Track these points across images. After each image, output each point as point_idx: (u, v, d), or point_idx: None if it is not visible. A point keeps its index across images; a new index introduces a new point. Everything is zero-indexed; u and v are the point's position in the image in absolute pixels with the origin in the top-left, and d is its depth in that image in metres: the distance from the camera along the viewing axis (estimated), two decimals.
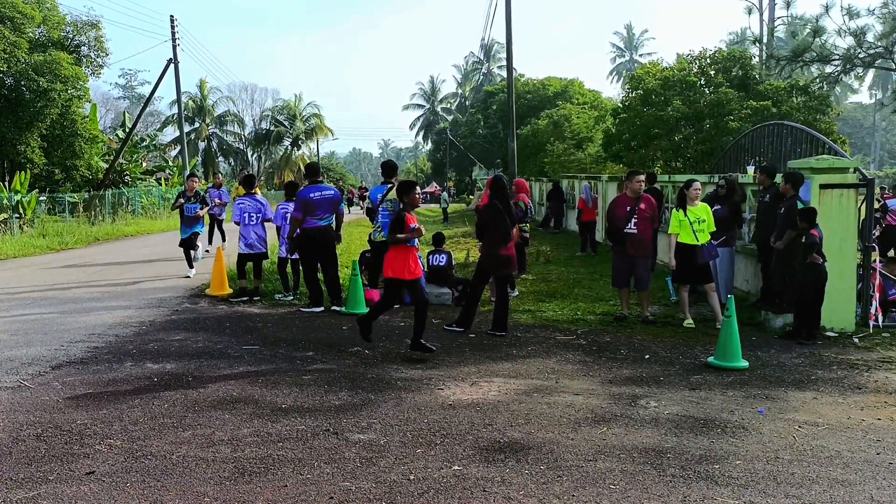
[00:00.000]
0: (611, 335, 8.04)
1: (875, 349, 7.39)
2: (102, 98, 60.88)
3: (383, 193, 9.74)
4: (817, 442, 4.80)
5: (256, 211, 10.28)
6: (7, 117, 24.99)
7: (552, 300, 10.10)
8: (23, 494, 3.95)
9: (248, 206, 10.30)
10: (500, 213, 7.96)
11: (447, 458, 4.47)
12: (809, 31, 15.59)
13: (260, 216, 10.29)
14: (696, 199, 8.57)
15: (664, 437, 4.85)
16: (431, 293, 10.15)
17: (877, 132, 73.46)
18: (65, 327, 8.43)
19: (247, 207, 10.29)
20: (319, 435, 4.85)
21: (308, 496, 3.93)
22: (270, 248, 10.63)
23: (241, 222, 10.24)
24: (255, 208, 10.30)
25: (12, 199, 23.00)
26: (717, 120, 17.80)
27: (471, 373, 6.44)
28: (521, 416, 5.26)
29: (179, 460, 4.41)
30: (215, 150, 60.51)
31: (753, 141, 12.59)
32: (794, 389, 5.99)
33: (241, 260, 10.31)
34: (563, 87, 41.19)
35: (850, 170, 8.30)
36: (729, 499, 3.92)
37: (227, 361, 6.81)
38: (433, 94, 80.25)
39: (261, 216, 10.30)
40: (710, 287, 8.47)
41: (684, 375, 6.40)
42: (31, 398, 5.68)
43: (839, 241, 8.05)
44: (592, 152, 26.22)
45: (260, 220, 10.30)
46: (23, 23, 25.46)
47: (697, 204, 8.53)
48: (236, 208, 10.39)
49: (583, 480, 4.14)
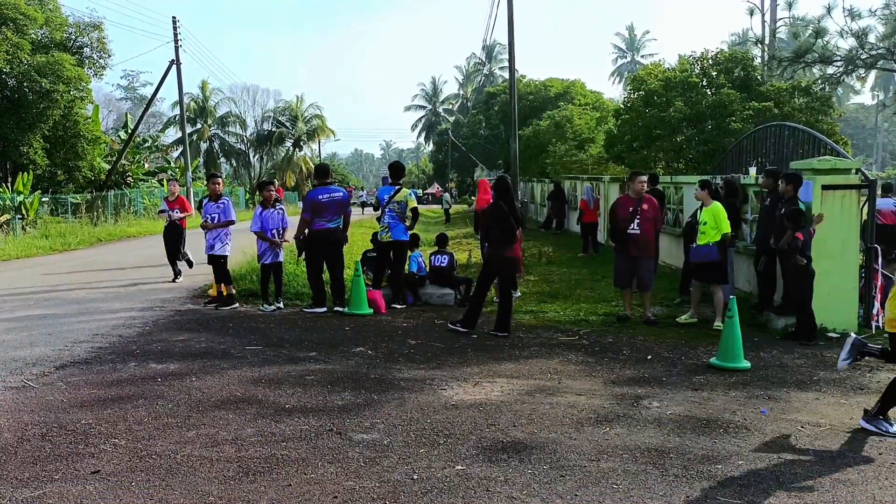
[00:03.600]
0: (613, 336, 8.05)
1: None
2: (105, 99, 61.03)
3: (390, 195, 9.75)
4: (820, 442, 4.81)
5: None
6: (10, 118, 25.04)
7: (554, 301, 10.11)
8: (28, 494, 3.97)
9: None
10: (504, 213, 7.97)
11: (450, 457, 4.48)
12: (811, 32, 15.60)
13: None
14: (705, 201, 8.50)
15: (667, 437, 4.86)
16: (434, 294, 10.20)
17: (879, 133, 73.40)
18: (68, 328, 8.46)
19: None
20: (323, 435, 4.87)
21: (312, 496, 3.95)
22: (251, 256, 10.38)
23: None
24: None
25: (15, 200, 23.04)
26: (719, 121, 17.79)
27: (474, 373, 6.45)
28: (524, 416, 5.27)
29: (184, 460, 4.43)
30: (217, 151, 60.54)
31: (755, 142, 12.58)
32: (796, 390, 5.99)
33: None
34: (565, 88, 41.16)
35: (853, 171, 8.31)
36: (731, 499, 3.93)
37: (230, 362, 6.83)
38: (435, 95, 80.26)
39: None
40: (715, 288, 8.46)
41: (687, 376, 6.41)
42: (36, 398, 5.70)
43: (841, 242, 8.06)
44: (594, 153, 26.21)
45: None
46: (25, 24, 25.52)
47: (710, 205, 8.45)
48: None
49: (585, 480, 4.15)
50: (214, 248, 9.92)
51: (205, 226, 10.02)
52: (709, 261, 8.33)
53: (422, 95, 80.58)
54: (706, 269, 8.44)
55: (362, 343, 7.58)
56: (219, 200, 10.11)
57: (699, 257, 8.42)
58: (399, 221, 9.66)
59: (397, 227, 9.64)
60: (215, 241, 9.94)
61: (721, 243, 8.31)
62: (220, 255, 9.91)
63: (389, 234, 9.66)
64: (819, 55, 15.53)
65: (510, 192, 8.17)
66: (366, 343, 7.60)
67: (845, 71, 15.77)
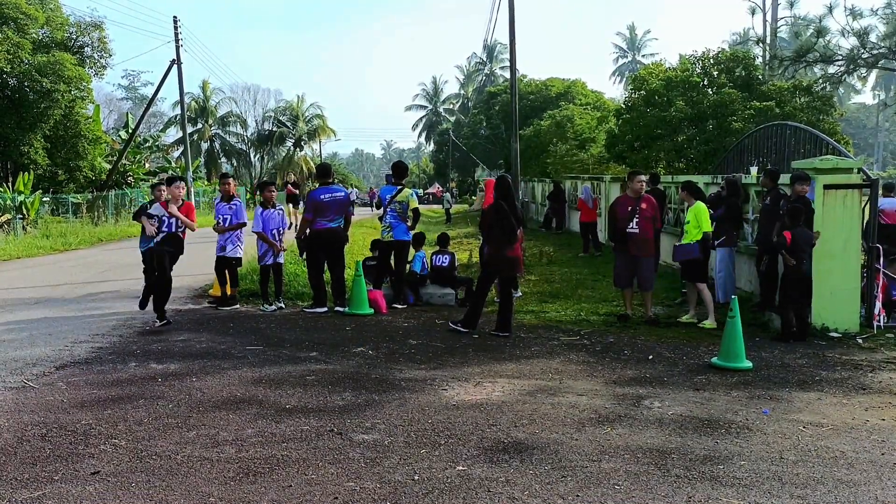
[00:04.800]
0: (614, 336, 8.04)
1: (879, 350, 7.38)
2: (105, 99, 61.01)
3: (392, 194, 9.74)
4: (822, 442, 4.79)
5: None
6: (10, 118, 25.06)
7: (555, 301, 10.10)
8: (28, 494, 3.96)
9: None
10: (505, 213, 7.97)
11: (451, 458, 4.47)
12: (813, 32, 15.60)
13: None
14: (689, 200, 8.79)
15: (668, 437, 4.85)
16: (435, 293, 10.19)
17: (880, 133, 73.31)
18: (69, 328, 8.45)
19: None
20: (324, 435, 4.86)
21: (313, 496, 3.94)
22: (251, 256, 10.39)
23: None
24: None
25: (16, 199, 23.05)
26: (721, 120, 17.78)
27: (475, 373, 6.44)
28: (525, 416, 5.26)
29: (184, 460, 4.42)
30: (218, 150, 60.54)
31: (757, 141, 12.56)
32: (798, 390, 5.98)
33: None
34: (566, 87, 41.11)
35: (854, 170, 8.29)
36: (733, 499, 3.91)
37: (230, 362, 6.82)
38: (436, 94, 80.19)
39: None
40: (699, 286, 8.59)
41: (688, 376, 6.40)
42: (36, 398, 5.69)
43: (843, 241, 8.04)
44: (595, 153, 26.19)
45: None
46: (26, 23, 25.54)
47: (693, 204, 8.68)
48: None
49: (587, 481, 4.14)
50: (226, 249, 9.74)
51: (217, 228, 9.86)
52: (691, 258, 8.56)
53: (423, 95, 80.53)
54: (688, 267, 8.70)
55: (363, 343, 7.57)
56: (231, 201, 9.93)
57: (681, 255, 8.68)
58: (400, 221, 9.67)
59: (399, 227, 9.64)
60: (227, 242, 9.75)
61: (703, 242, 8.52)
62: (233, 258, 9.80)
63: (391, 233, 9.67)
64: (820, 54, 15.53)
65: (511, 192, 8.16)
66: (366, 343, 7.58)
67: (846, 70, 15.77)
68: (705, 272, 8.81)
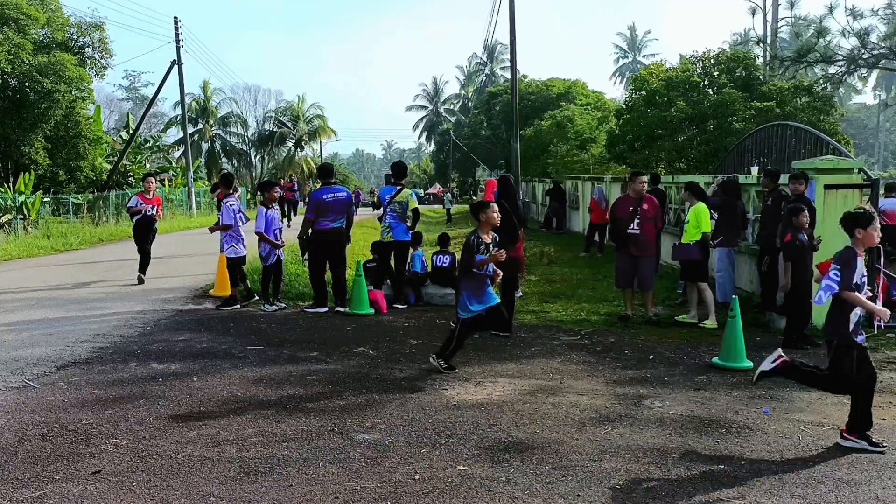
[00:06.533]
0: (615, 336, 8.04)
1: (879, 350, 7.38)
2: (106, 99, 61.01)
3: (392, 195, 9.74)
4: (822, 442, 4.80)
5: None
6: (11, 118, 25.07)
7: (556, 301, 10.10)
8: (29, 494, 3.96)
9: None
10: (507, 213, 7.96)
11: (452, 458, 4.48)
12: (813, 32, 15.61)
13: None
14: (690, 201, 8.79)
15: (669, 437, 4.85)
16: (436, 294, 10.19)
17: (880, 133, 73.30)
18: (70, 328, 8.45)
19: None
20: (324, 435, 4.86)
21: (313, 496, 3.94)
22: (251, 256, 10.42)
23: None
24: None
25: (16, 200, 23.06)
26: (721, 121, 17.77)
27: (475, 373, 6.44)
28: (526, 416, 5.26)
29: (185, 460, 4.42)
30: (218, 151, 60.55)
31: (757, 142, 12.56)
32: (798, 390, 5.96)
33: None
34: (567, 87, 41.07)
35: (855, 170, 8.29)
36: (734, 499, 3.91)
37: (231, 362, 6.82)
38: (436, 95, 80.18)
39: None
40: (700, 286, 8.59)
41: (689, 376, 6.40)
42: (37, 398, 5.70)
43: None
44: (596, 153, 26.18)
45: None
46: (27, 24, 25.56)
47: (695, 205, 8.67)
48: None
49: (588, 480, 4.14)
50: (223, 248, 9.99)
51: (210, 228, 10.15)
52: (690, 258, 8.59)
53: (423, 95, 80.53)
54: (688, 267, 8.73)
55: (364, 343, 7.58)
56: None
57: (680, 255, 8.71)
58: (400, 222, 9.67)
59: (398, 228, 9.65)
60: (223, 241, 10.01)
61: (702, 242, 8.55)
62: (227, 257, 9.92)
63: (391, 234, 9.67)
64: (821, 55, 15.54)
65: (512, 192, 8.17)
66: (367, 343, 7.59)
67: (847, 70, 15.78)
68: (706, 272, 8.81)
